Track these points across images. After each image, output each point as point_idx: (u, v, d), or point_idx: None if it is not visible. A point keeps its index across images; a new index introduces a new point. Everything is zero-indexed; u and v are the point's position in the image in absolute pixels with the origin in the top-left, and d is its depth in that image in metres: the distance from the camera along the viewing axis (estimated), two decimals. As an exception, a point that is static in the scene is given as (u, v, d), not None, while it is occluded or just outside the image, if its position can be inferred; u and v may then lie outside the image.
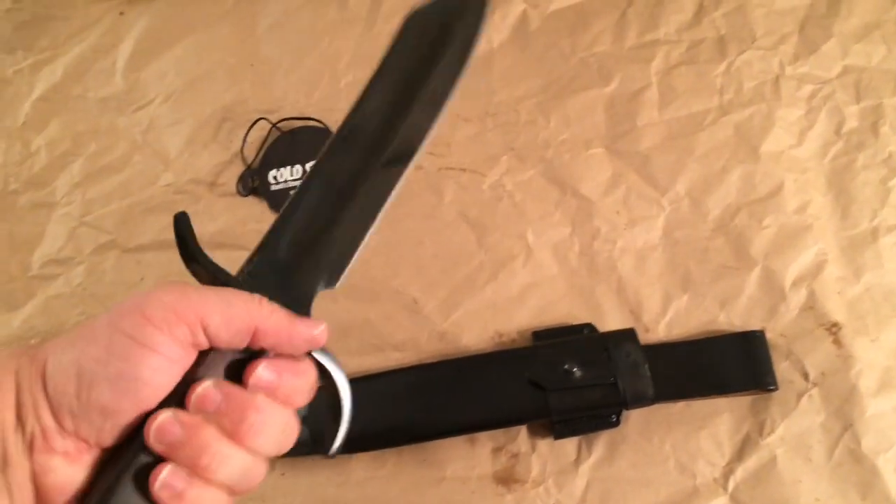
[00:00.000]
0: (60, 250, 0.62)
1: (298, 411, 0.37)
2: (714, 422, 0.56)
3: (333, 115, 0.65)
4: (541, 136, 0.64)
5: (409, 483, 0.56)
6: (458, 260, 0.60)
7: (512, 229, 0.61)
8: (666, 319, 0.59)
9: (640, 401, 0.54)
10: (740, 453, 0.55)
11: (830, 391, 0.56)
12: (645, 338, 0.58)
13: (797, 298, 0.59)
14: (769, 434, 0.56)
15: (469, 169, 0.63)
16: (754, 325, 0.58)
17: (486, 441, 0.56)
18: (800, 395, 0.56)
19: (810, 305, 0.58)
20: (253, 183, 0.63)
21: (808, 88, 0.64)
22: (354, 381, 0.57)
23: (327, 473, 0.56)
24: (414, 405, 0.55)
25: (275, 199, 0.62)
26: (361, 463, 0.56)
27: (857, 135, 0.63)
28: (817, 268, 0.59)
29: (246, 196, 0.63)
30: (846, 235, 0.60)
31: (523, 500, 0.55)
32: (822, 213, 0.61)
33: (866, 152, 0.62)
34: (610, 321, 0.59)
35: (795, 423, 0.56)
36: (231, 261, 0.62)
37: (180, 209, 0.64)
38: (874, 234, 0.60)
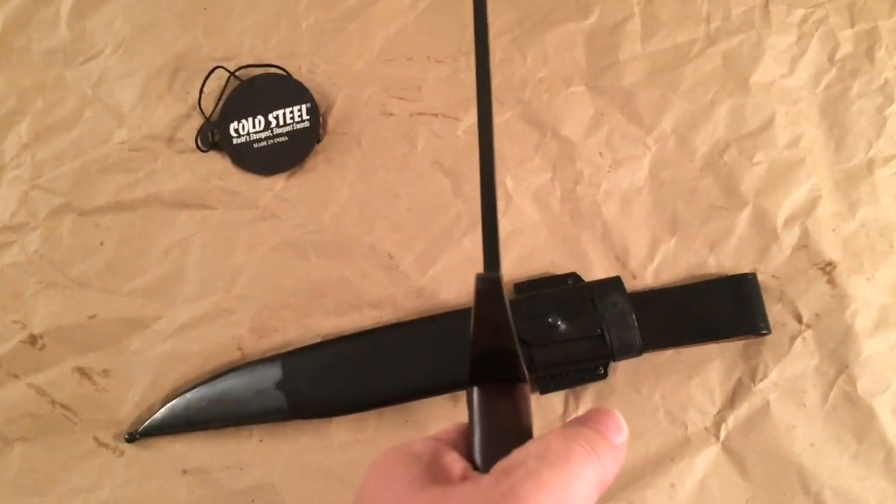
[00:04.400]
0: (13, 216, 0.58)
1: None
2: (704, 369, 0.54)
3: (294, 61, 0.60)
4: (517, 74, 0.60)
5: (391, 445, 0.53)
6: (434, 211, 0.57)
7: (490, 176, 0.58)
8: (653, 265, 0.56)
9: (628, 352, 0.52)
10: (732, 400, 0.54)
11: (825, 333, 0.54)
12: (632, 285, 0.56)
13: (790, 237, 0.56)
14: (762, 380, 0.54)
15: (442, 114, 0.59)
16: (745, 268, 0.56)
17: (469, 399, 0.54)
18: (793, 339, 0.54)
19: (803, 244, 0.56)
20: (213, 137, 0.59)
21: (798, 13, 0.60)
22: (332, 343, 0.55)
23: (307, 439, 0.54)
24: (393, 365, 0.53)
25: (238, 154, 0.59)
26: (342, 427, 0.54)
27: (852, 61, 0.59)
28: (811, 204, 0.57)
29: (206, 151, 0.59)
30: (840, 169, 0.58)
31: (510, 459, 0.53)
32: (816, 146, 0.58)
33: (861, 79, 0.59)
34: (595, 269, 0.56)
35: (789, 367, 0.54)
36: (195, 222, 0.59)
37: (137, 167, 0.61)
38: (869, 166, 0.57)
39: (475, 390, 0.32)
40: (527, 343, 0.52)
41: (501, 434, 0.32)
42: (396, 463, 0.31)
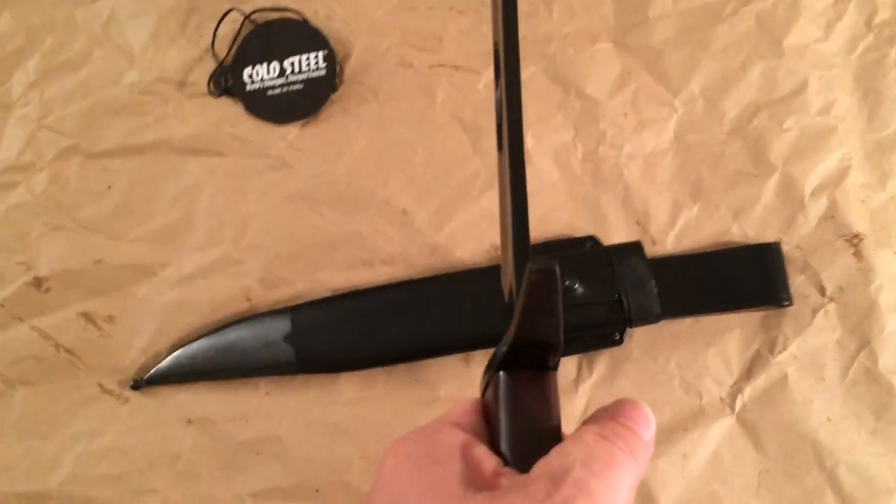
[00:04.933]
0: (20, 155, 0.57)
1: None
2: (723, 339, 0.53)
3: (311, 6, 0.58)
4: (542, 28, 0.58)
5: (400, 403, 0.53)
6: (452, 167, 0.56)
7: (510, 133, 0.56)
8: (675, 231, 0.55)
9: (646, 318, 0.51)
10: (749, 372, 0.53)
11: (848, 307, 0.53)
12: (652, 251, 0.54)
13: (817, 207, 0.54)
14: (781, 351, 0.53)
15: (463, 67, 0.57)
16: (770, 237, 0.54)
17: (481, 360, 0.53)
18: (815, 311, 0.53)
19: (831, 215, 0.54)
20: (226, 82, 0.57)
21: (838, -26, 0.58)
22: (342, 298, 0.54)
23: (314, 394, 0.53)
24: (405, 323, 0.52)
25: (251, 100, 0.57)
26: (350, 383, 0.53)
27: (890, 27, 0.57)
28: (840, 174, 0.55)
29: (219, 96, 0.57)
30: (873, 139, 0.56)
31: (520, 422, 0.52)
32: (848, 114, 0.56)
33: (899, 46, 0.57)
34: (615, 233, 0.55)
35: (809, 340, 0.53)
36: (206, 168, 0.57)
37: (147, 111, 0.59)
38: (903, 137, 0.55)
39: (502, 376, 0.31)
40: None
41: (530, 425, 0.31)
42: (428, 461, 0.29)
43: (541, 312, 0.29)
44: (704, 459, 0.51)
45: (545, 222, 0.55)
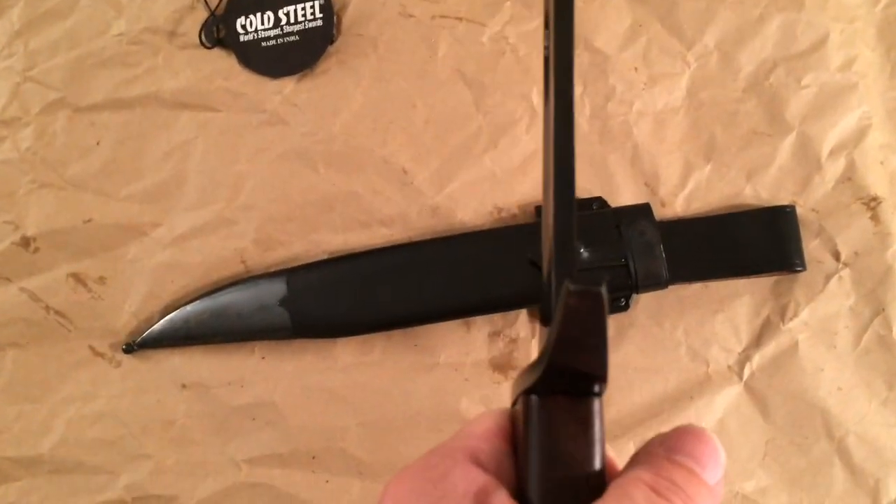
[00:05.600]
0: (4, 109, 0.55)
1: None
2: (732, 305, 0.52)
3: (308, -49, 0.55)
4: (550, -23, 0.55)
5: (398, 369, 0.51)
6: (454, 125, 0.53)
7: (515, 89, 0.54)
8: (685, 192, 0.53)
9: (653, 284, 0.49)
10: (758, 339, 0.51)
11: (863, 272, 0.51)
12: (660, 213, 0.52)
13: (834, 169, 0.52)
14: (792, 318, 0.51)
15: (466, 18, 0.54)
16: (784, 199, 0.52)
17: (482, 325, 0.52)
18: (828, 277, 0.51)
19: (848, 177, 0.52)
20: (218, 33, 0.55)
21: (865, -80, 0.55)
22: (340, 261, 0.53)
23: (310, 358, 0.52)
24: (404, 286, 0.50)
25: (244, 52, 0.54)
26: (347, 348, 0.52)
27: (918, -23, 0.54)
28: (859, 134, 0.52)
29: (211, 48, 0.55)
30: (895, 97, 0.53)
31: (522, 389, 0.51)
32: (870, 70, 0.53)
33: (927, -2, 0.54)
34: (622, 194, 0.53)
35: (822, 306, 0.51)
36: (197, 124, 0.55)
37: (136, 62, 0.57)
38: (928, 95, 0.53)
39: (534, 402, 0.26)
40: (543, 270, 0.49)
41: (566, 471, 0.25)
42: None
43: (581, 343, 0.24)
44: (709, 428, 0.50)
45: (550, 183, 0.53)
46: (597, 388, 0.26)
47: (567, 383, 0.25)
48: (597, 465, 0.25)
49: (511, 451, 0.27)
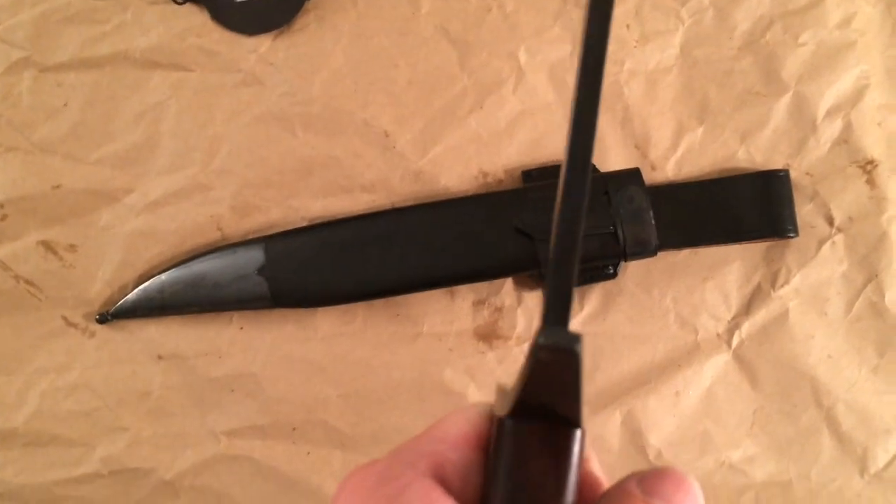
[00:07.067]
0: (-34, 70, 0.52)
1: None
2: (722, 272, 0.50)
3: None
4: (538, -73, 0.52)
5: (380, 339, 0.50)
6: (437, 85, 0.51)
7: (501, 47, 0.51)
8: (676, 155, 0.51)
9: (642, 252, 0.48)
10: (748, 306, 0.50)
11: (857, 238, 0.50)
12: (651, 177, 0.50)
13: (830, 130, 0.50)
14: (783, 285, 0.50)
15: (450, -29, 0.52)
16: (778, 163, 0.50)
17: (466, 294, 0.50)
18: (821, 242, 0.50)
19: (844, 139, 0.50)
20: (189, -13, 0.52)
21: None
22: (319, 228, 0.51)
23: (290, 328, 0.50)
24: (386, 255, 0.49)
25: (218, 8, 0.52)
26: (328, 318, 0.50)
27: (922, -72, 0.52)
28: (857, 94, 0.51)
29: (182, 3, 0.52)
30: (895, 55, 0.51)
31: (506, 358, 0.50)
32: (870, 27, 0.51)
33: (932, -49, 0.51)
34: (612, 158, 0.51)
35: (813, 272, 0.50)
36: (170, 84, 0.53)
37: (104, 18, 0.54)
38: (929, 54, 0.51)
39: (508, 426, 0.23)
40: (531, 237, 0.47)
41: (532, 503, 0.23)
42: None
43: (551, 395, 0.22)
44: (697, 397, 0.49)
45: (538, 146, 0.51)
46: (576, 420, 0.24)
47: (545, 413, 0.23)
48: (568, 502, 0.23)
49: (482, 464, 0.25)
